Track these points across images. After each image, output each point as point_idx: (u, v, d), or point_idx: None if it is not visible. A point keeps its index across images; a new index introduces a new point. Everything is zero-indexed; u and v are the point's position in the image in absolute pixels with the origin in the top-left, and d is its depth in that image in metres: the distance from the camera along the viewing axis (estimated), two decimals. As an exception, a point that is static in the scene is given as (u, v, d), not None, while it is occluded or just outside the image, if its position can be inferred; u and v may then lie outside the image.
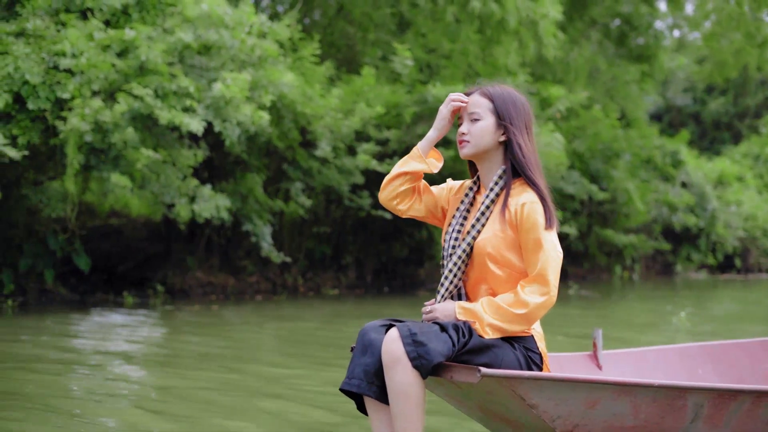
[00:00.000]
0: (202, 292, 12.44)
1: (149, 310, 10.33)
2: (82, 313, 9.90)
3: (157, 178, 9.71)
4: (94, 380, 5.84)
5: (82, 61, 9.57)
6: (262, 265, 13.27)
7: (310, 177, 12.03)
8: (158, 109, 9.45)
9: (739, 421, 3.56)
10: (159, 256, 13.01)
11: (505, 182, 3.44)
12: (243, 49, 10.35)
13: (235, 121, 9.70)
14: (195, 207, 10.11)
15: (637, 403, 3.35)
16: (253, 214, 11.33)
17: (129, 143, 9.47)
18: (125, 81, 9.86)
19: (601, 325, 8.68)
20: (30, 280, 10.96)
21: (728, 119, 32.15)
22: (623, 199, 17.21)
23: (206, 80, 10.17)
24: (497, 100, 3.44)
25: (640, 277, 19.37)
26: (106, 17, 10.56)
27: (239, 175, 11.57)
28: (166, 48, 9.87)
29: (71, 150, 9.18)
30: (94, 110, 9.17)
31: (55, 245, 10.88)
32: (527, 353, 3.39)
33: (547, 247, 3.31)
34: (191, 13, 10.40)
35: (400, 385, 3.19)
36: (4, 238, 10.76)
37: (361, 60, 14.85)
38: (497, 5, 12.24)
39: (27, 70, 9.39)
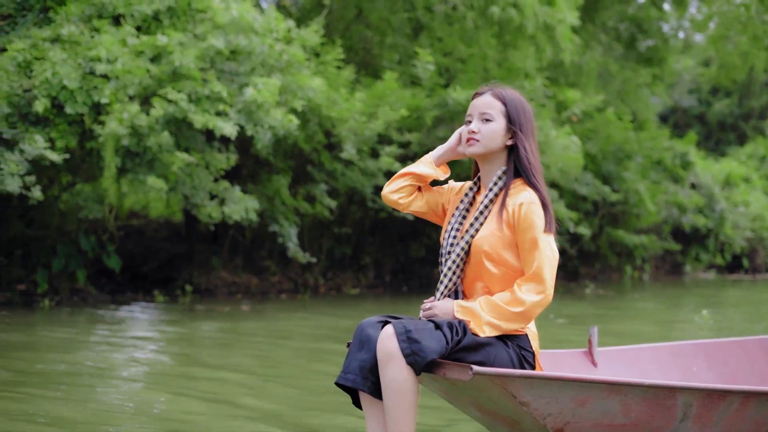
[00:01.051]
0: (227, 291, 12.70)
1: (185, 309, 10.59)
2: (125, 310, 10.17)
3: (191, 181, 9.97)
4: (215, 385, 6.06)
5: (118, 66, 9.83)
6: (284, 265, 13.54)
7: (334, 179, 12.29)
8: (192, 113, 9.72)
9: (729, 420, 3.59)
10: (182, 256, 13.27)
11: (504, 182, 3.50)
12: (272, 54, 10.62)
13: (267, 126, 9.96)
14: (225, 209, 10.37)
15: (627, 402, 3.39)
16: (279, 215, 11.59)
17: (163, 147, 9.73)
18: (159, 86, 10.13)
19: (626, 322, 8.95)
20: (62, 279, 11.22)
21: (733, 120, 32.40)
22: (634, 201, 17.48)
23: (237, 85, 10.43)
24: (510, 105, 3.51)
25: (650, 277, 19.63)
26: (138, 23, 10.83)
27: (265, 177, 11.83)
28: (198, 54, 10.14)
29: (109, 153, 9.45)
30: (132, 115, 9.43)
31: (87, 246, 11.15)
32: (520, 352, 3.45)
33: (542, 247, 3.37)
34: (221, 19, 10.66)
35: (393, 381, 3.25)
36: (38, 238, 11.02)
37: (378, 64, 15.12)
38: (516, 11, 12.50)
39: (65, 76, 9.65)
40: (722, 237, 20.72)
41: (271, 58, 10.58)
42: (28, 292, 10.91)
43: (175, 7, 10.91)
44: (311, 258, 11.97)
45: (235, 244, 13.29)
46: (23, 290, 10.89)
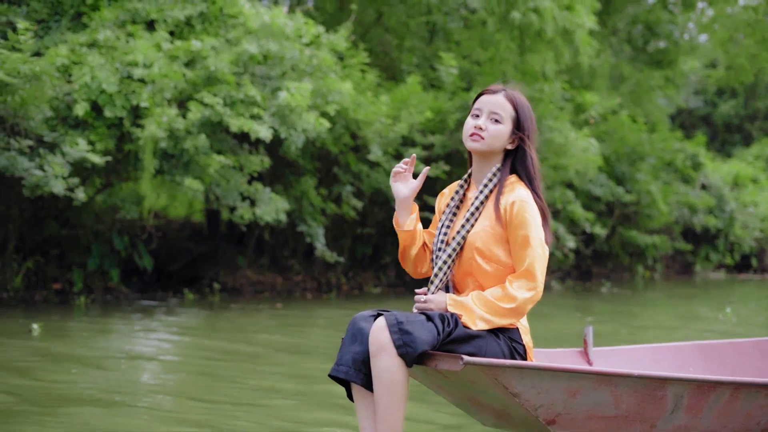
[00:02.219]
0: (253, 290, 12.97)
1: (222, 308, 10.87)
2: (166, 309, 10.45)
3: (227, 183, 10.24)
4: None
5: (154, 70, 10.10)
6: (307, 264, 13.80)
7: (359, 180, 12.56)
8: (228, 116, 9.98)
9: (719, 411, 3.61)
10: (206, 255, 13.53)
11: (498, 180, 3.54)
12: (302, 59, 10.88)
13: (300, 129, 10.23)
14: (257, 210, 10.63)
15: (618, 392, 3.41)
16: (307, 215, 11.86)
17: (199, 149, 10.00)
18: (194, 90, 10.39)
19: (653, 318, 9.22)
20: (96, 278, 11.48)
21: (739, 121, 32.69)
22: (647, 201, 17.77)
23: (269, 89, 10.70)
24: (521, 112, 3.55)
25: (661, 277, 19.91)
26: (170, 28, 11.09)
27: (292, 178, 12.10)
28: (233, 59, 10.40)
29: (148, 156, 9.71)
30: (171, 118, 9.70)
31: (120, 245, 11.42)
32: (511, 344, 3.48)
33: (534, 244, 3.41)
34: (253, 24, 10.93)
35: (384, 372, 3.27)
36: (72, 238, 11.29)
37: (397, 67, 15.39)
38: (536, 16, 12.77)
39: (104, 80, 9.91)
40: (732, 237, 21.01)
41: (301, 63, 10.84)
42: (64, 291, 11.17)
43: (207, 13, 11.18)
44: (339, 258, 12.23)
45: (259, 243, 13.55)
46: (59, 289, 11.16)
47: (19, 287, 10.76)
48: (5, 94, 9.31)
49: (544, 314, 10.92)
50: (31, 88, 9.17)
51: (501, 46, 13.32)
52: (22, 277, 10.81)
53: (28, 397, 5.33)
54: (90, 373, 6.29)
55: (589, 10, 13.73)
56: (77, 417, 4.83)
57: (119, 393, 5.60)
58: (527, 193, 3.49)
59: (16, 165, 9.30)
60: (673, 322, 9.26)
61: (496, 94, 3.58)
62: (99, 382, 5.95)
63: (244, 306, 11.04)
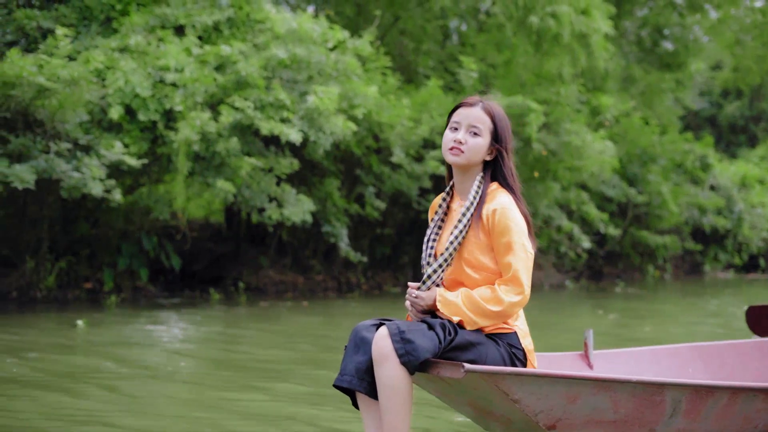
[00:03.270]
0: (275, 290, 13.21)
1: (246, 306, 11.12)
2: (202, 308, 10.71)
3: (257, 185, 10.50)
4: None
5: (186, 75, 10.35)
6: (327, 264, 14.06)
7: (381, 182, 12.82)
8: (258, 120, 10.24)
9: (718, 415, 3.64)
10: (228, 255, 13.79)
11: (482, 192, 3.58)
12: (328, 63, 11.14)
13: (328, 132, 10.48)
14: (285, 211, 10.89)
15: (617, 398, 3.45)
16: (331, 216, 12.12)
17: (231, 151, 10.25)
18: (224, 94, 10.65)
19: (672, 316, 9.47)
20: (125, 278, 11.73)
21: (744, 123, 32.95)
22: (657, 202, 18.04)
23: (297, 93, 10.95)
24: (498, 124, 3.59)
25: (671, 277, 20.17)
26: (199, 33, 11.35)
27: (316, 180, 12.36)
28: (262, 63, 10.66)
29: (182, 158, 9.96)
30: (204, 122, 9.96)
31: (149, 245, 11.67)
32: (511, 350, 3.53)
33: (516, 249, 3.46)
34: (280, 29, 11.19)
35: (388, 379, 3.32)
36: (102, 238, 11.54)
37: (413, 69, 15.65)
38: (554, 20, 13.03)
39: (137, 84, 10.17)
40: (740, 238, 21.28)
41: (327, 67, 11.09)
42: (94, 290, 11.42)
43: (235, 18, 11.44)
44: (362, 257, 12.48)
45: (281, 243, 13.80)
46: (89, 288, 11.41)
47: (51, 286, 11.01)
48: (43, 98, 9.56)
49: (567, 313, 11.20)
50: (70, 93, 9.41)
51: (519, 50, 13.57)
52: (54, 277, 11.06)
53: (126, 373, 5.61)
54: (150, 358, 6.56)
55: (605, 14, 13.98)
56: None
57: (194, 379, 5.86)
58: (509, 200, 3.55)
59: (54, 167, 9.55)
60: (693, 318, 9.52)
61: (473, 106, 3.61)
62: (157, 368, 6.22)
63: (272, 304, 11.29)
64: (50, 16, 11.77)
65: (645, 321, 9.37)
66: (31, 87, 9.34)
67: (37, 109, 9.62)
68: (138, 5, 11.72)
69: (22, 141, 9.58)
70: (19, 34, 11.67)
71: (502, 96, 12.96)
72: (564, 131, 13.31)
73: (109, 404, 5.15)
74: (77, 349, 7.50)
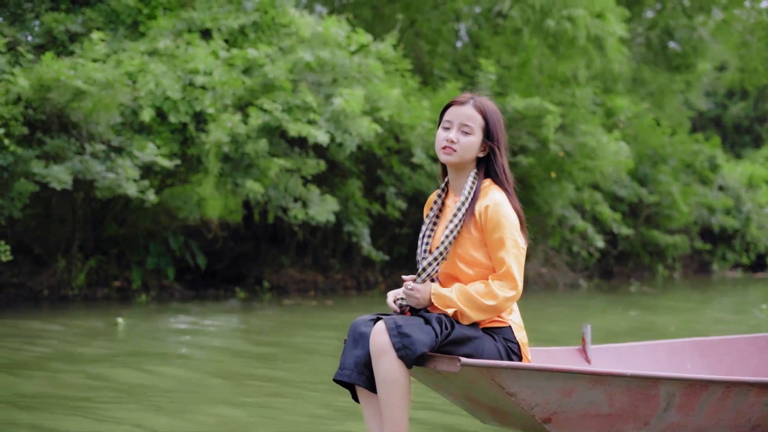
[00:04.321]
0: (296, 288, 13.45)
1: (273, 304, 11.37)
2: (233, 305, 10.96)
3: (285, 185, 10.74)
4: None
5: (215, 78, 10.59)
6: (346, 263, 14.30)
7: (401, 182, 13.06)
8: (286, 122, 10.48)
9: (711, 409, 3.67)
10: (248, 255, 14.02)
11: (475, 189, 3.61)
12: (352, 66, 11.38)
13: (354, 133, 10.73)
14: (310, 211, 11.12)
15: (612, 392, 3.48)
16: (353, 216, 12.36)
17: (259, 153, 10.50)
18: (251, 96, 10.89)
19: (693, 312, 9.69)
20: (152, 276, 11.97)
21: (748, 123, 33.20)
22: (668, 202, 18.31)
23: (322, 95, 11.20)
24: (490, 121, 3.60)
25: (680, 276, 20.43)
26: (225, 37, 11.59)
27: (338, 180, 12.60)
28: (289, 66, 10.90)
29: (213, 160, 10.20)
30: (235, 124, 10.20)
31: (175, 245, 11.92)
32: (507, 344, 3.56)
33: (508, 245, 3.50)
34: (305, 33, 11.43)
35: (386, 373, 3.37)
36: (130, 238, 11.78)
37: (429, 71, 15.88)
38: (570, 24, 13.27)
39: (168, 87, 10.40)
40: (748, 237, 21.55)
41: (351, 70, 11.34)
42: (123, 288, 11.67)
43: (260, 22, 11.68)
44: (384, 256, 12.72)
45: (300, 243, 14.03)
46: (118, 286, 11.65)
47: (82, 285, 11.25)
48: (78, 101, 9.80)
49: (591, 310, 11.44)
50: (105, 95, 9.65)
51: (536, 52, 13.80)
52: (84, 275, 11.30)
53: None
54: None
55: (619, 18, 14.23)
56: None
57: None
58: (501, 196, 3.58)
59: (89, 168, 9.79)
60: (715, 314, 9.76)
61: (464, 105, 3.63)
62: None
63: (297, 303, 11.53)
64: (77, 19, 12.01)
65: (668, 318, 9.62)
66: (68, 90, 9.57)
67: (72, 112, 9.85)
68: (164, 9, 11.96)
69: (58, 142, 9.82)
70: (47, 37, 11.91)
71: (519, 98, 13.20)
72: (580, 132, 13.55)
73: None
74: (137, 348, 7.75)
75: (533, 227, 15.33)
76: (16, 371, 6.13)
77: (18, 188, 9.60)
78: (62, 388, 5.52)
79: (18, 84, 9.47)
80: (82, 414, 4.79)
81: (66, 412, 4.83)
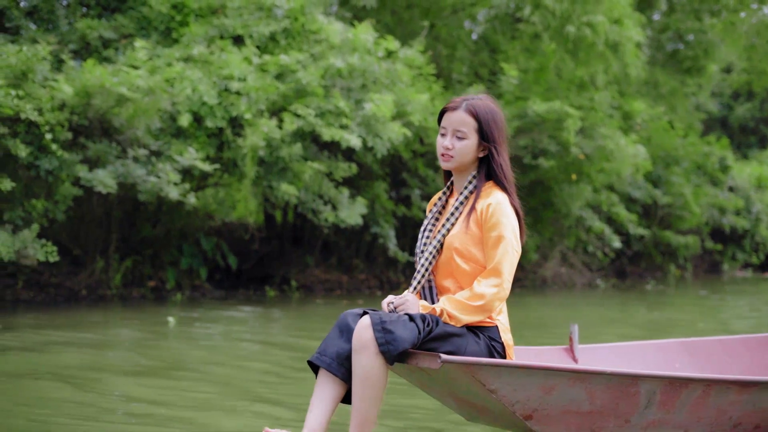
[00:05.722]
0: (322, 288, 13.76)
1: (304, 303, 11.69)
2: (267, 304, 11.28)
3: (317, 188, 11.05)
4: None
5: (250, 84, 10.90)
6: (369, 263, 14.61)
7: (425, 184, 13.38)
8: (319, 126, 10.80)
9: (692, 407, 3.68)
10: (272, 255, 14.33)
11: (475, 186, 3.67)
12: (381, 72, 11.70)
13: (385, 137, 11.04)
14: (340, 213, 11.43)
15: (592, 389, 3.50)
16: (379, 218, 12.67)
17: (293, 156, 10.81)
18: (284, 101, 11.20)
19: (716, 310, 9.98)
20: (184, 276, 12.28)
21: (754, 124, 33.52)
22: (680, 203, 18.64)
23: (352, 100, 11.51)
24: (482, 121, 3.64)
25: (691, 275, 20.75)
26: (256, 43, 11.89)
27: (364, 183, 12.91)
28: (321, 72, 11.21)
29: (249, 163, 10.51)
30: (270, 129, 10.51)
31: (207, 246, 12.23)
32: (490, 342, 3.60)
33: (505, 244, 3.55)
34: (335, 39, 11.74)
35: (364, 369, 3.41)
36: (164, 239, 12.09)
37: (447, 75, 16.18)
38: (590, 29, 13.59)
39: (205, 93, 10.71)
40: (758, 237, 21.89)
41: (381, 76, 11.65)
42: (157, 288, 11.97)
43: (291, 29, 11.99)
44: (410, 257, 13.03)
45: (324, 243, 14.35)
46: (153, 286, 11.95)
47: (118, 285, 11.56)
48: (120, 107, 10.11)
49: (616, 309, 11.74)
50: (149, 102, 9.96)
51: (555, 56, 14.11)
52: (121, 276, 11.60)
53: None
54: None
55: (636, 23, 14.55)
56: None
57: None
58: (503, 197, 3.63)
59: (130, 172, 10.10)
60: (736, 312, 10.06)
61: (456, 110, 3.68)
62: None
63: (327, 302, 11.85)
64: (109, 25, 12.31)
65: (691, 315, 9.93)
66: (111, 96, 9.87)
67: (113, 117, 10.16)
68: (196, 16, 12.26)
69: (100, 147, 10.12)
70: (81, 43, 12.21)
71: (540, 102, 13.51)
72: (599, 135, 13.87)
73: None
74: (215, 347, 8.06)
75: (551, 228, 15.66)
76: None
77: (62, 192, 9.90)
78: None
79: (62, 90, 9.77)
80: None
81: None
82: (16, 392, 5.48)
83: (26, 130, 9.62)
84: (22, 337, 7.83)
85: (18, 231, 9.66)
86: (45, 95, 9.69)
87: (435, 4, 15.97)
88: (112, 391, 5.61)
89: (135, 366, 6.67)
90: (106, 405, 5.19)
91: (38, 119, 9.34)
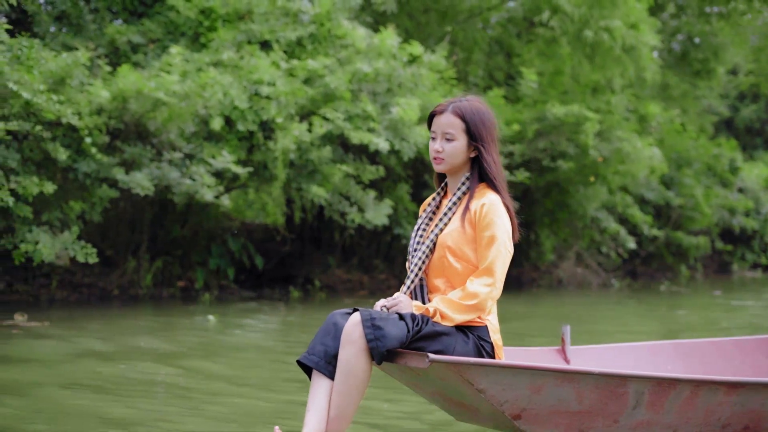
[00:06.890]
0: (343, 288, 14.01)
1: (328, 302, 11.94)
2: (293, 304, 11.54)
3: (346, 190, 11.31)
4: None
5: (279, 88, 11.15)
6: (388, 263, 14.87)
7: (447, 186, 13.64)
8: (348, 130, 11.06)
9: (680, 408, 3.68)
10: (293, 255, 14.58)
11: (468, 187, 3.71)
12: (406, 76, 11.96)
13: (411, 141, 11.30)
14: (367, 215, 11.69)
15: (580, 389, 3.50)
16: (402, 219, 12.93)
17: (322, 159, 11.07)
18: (313, 105, 11.45)
19: (740, 309, 10.22)
20: (212, 276, 12.53)
21: (760, 126, 33.77)
22: (691, 204, 18.92)
23: (379, 104, 11.77)
24: (470, 122, 3.67)
25: (702, 276, 21.02)
26: (284, 48, 12.14)
27: (388, 185, 13.17)
28: (349, 77, 11.47)
29: (280, 166, 10.77)
30: (301, 132, 10.77)
31: (235, 246, 12.49)
32: (480, 342, 3.62)
33: (498, 244, 3.58)
34: (361, 44, 11.99)
35: (348, 363, 3.44)
36: (194, 239, 12.34)
37: (464, 79, 16.43)
38: (607, 34, 13.85)
39: (236, 97, 10.96)
40: (767, 238, 22.17)
41: (406, 80, 11.91)
42: (186, 288, 12.23)
43: (317, 34, 12.25)
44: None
45: (344, 244, 14.60)
46: (182, 286, 12.21)
47: (149, 285, 11.81)
48: (155, 111, 10.36)
49: (642, 308, 11.99)
50: (184, 106, 10.21)
51: (572, 60, 14.37)
52: (151, 276, 11.86)
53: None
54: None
55: (652, 28, 14.81)
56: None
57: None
58: (497, 197, 3.66)
59: (165, 175, 10.35)
60: (757, 311, 10.30)
61: (444, 113, 3.73)
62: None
63: (356, 302, 12.10)
64: (137, 30, 12.57)
65: (714, 314, 10.19)
66: (147, 100, 10.12)
67: (148, 121, 10.41)
68: (224, 21, 12.51)
69: (136, 150, 10.37)
70: (109, 48, 12.47)
71: (558, 105, 13.77)
72: (616, 138, 14.14)
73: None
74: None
75: (566, 229, 15.92)
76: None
77: (99, 194, 10.15)
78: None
79: (100, 95, 10.02)
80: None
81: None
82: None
83: (65, 133, 9.87)
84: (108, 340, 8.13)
85: (55, 232, 9.90)
86: (83, 100, 9.94)
87: (452, 8, 16.24)
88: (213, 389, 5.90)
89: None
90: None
91: (78, 123, 9.59)
